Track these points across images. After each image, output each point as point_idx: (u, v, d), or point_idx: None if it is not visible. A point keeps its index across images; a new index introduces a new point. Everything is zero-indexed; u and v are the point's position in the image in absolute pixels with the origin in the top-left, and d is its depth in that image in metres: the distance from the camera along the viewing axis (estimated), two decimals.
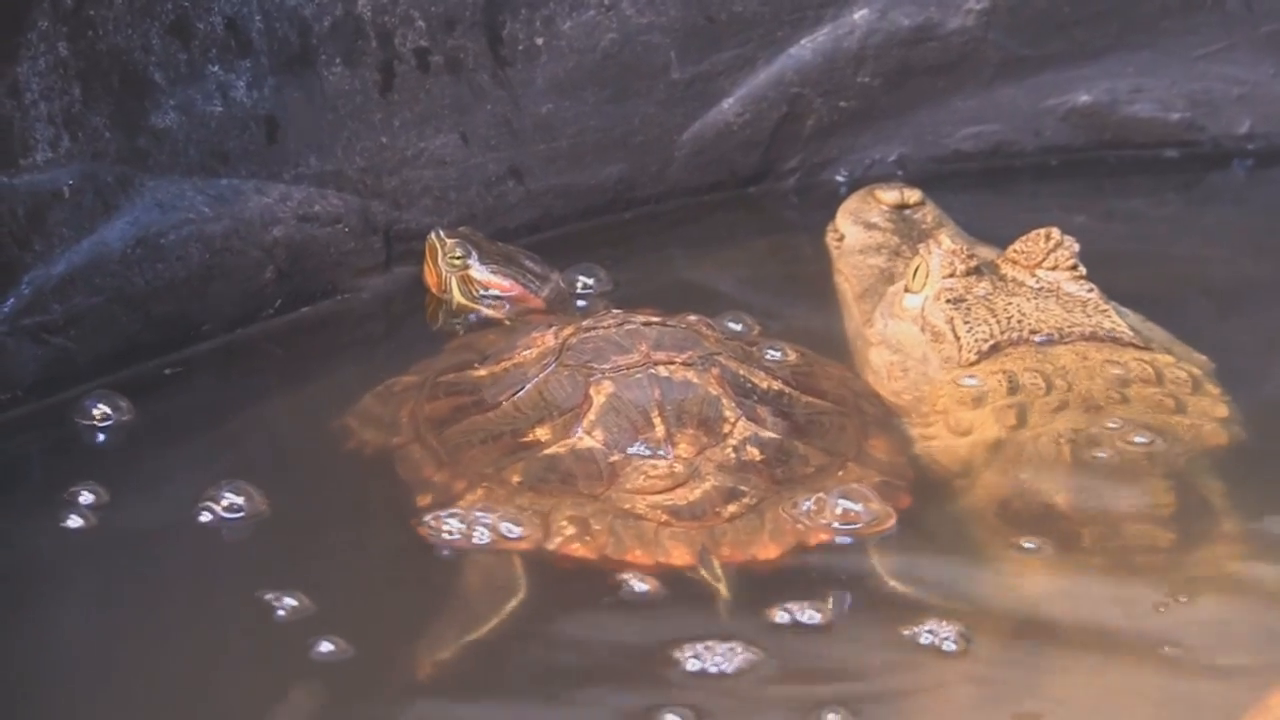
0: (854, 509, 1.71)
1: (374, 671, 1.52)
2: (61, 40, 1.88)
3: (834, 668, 1.54)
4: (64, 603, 1.66)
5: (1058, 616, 1.59)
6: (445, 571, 1.64)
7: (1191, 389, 1.84)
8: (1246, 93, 2.54)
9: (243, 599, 1.61)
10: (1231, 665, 1.51)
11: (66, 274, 1.92)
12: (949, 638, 1.56)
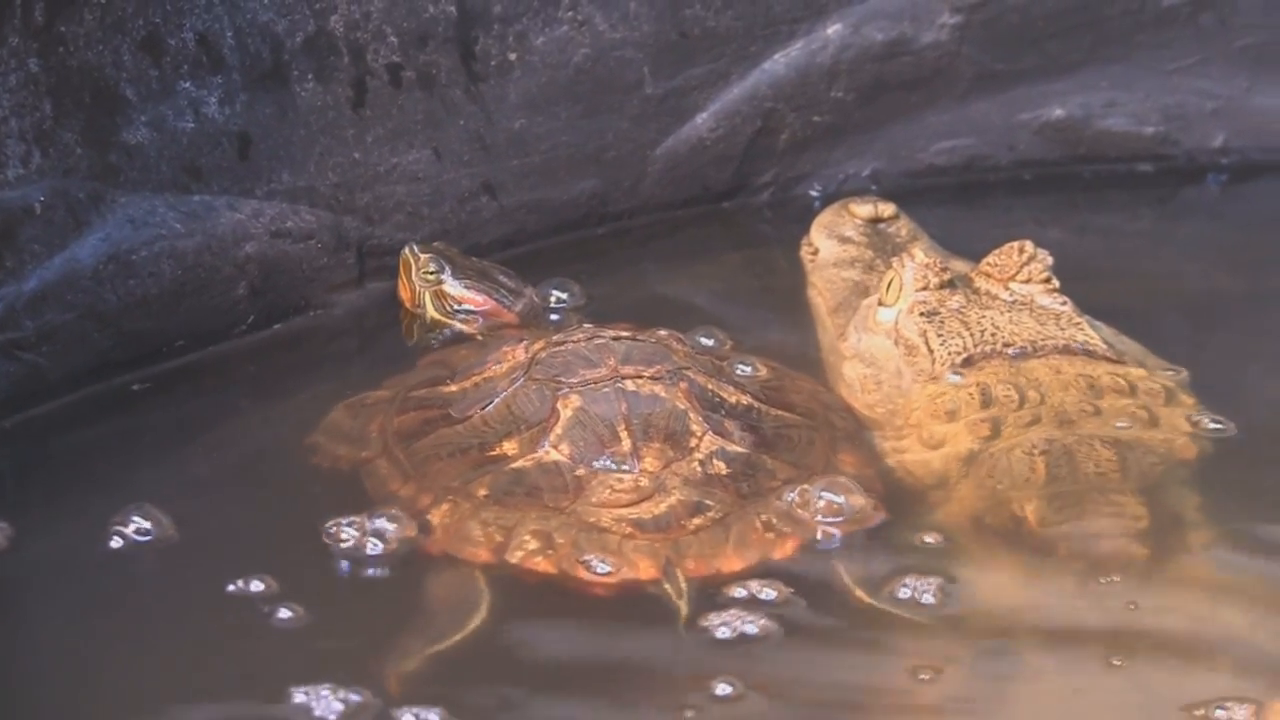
0: (837, 501, 1.72)
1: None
2: (32, 56, 1.88)
3: (799, 681, 1.53)
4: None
5: (1029, 628, 1.59)
6: (403, 581, 1.64)
7: (1164, 401, 1.84)
8: (1220, 107, 2.55)
9: (216, 602, 1.62)
10: (1204, 678, 1.51)
11: (38, 290, 1.91)
12: (915, 648, 1.56)
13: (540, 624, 1.60)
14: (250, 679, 1.56)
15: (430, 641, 1.56)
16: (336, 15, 2.13)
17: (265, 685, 1.53)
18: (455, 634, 1.57)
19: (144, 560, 1.71)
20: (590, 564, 1.62)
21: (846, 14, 2.43)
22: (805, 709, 1.52)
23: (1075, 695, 1.51)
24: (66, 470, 1.89)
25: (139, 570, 1.71)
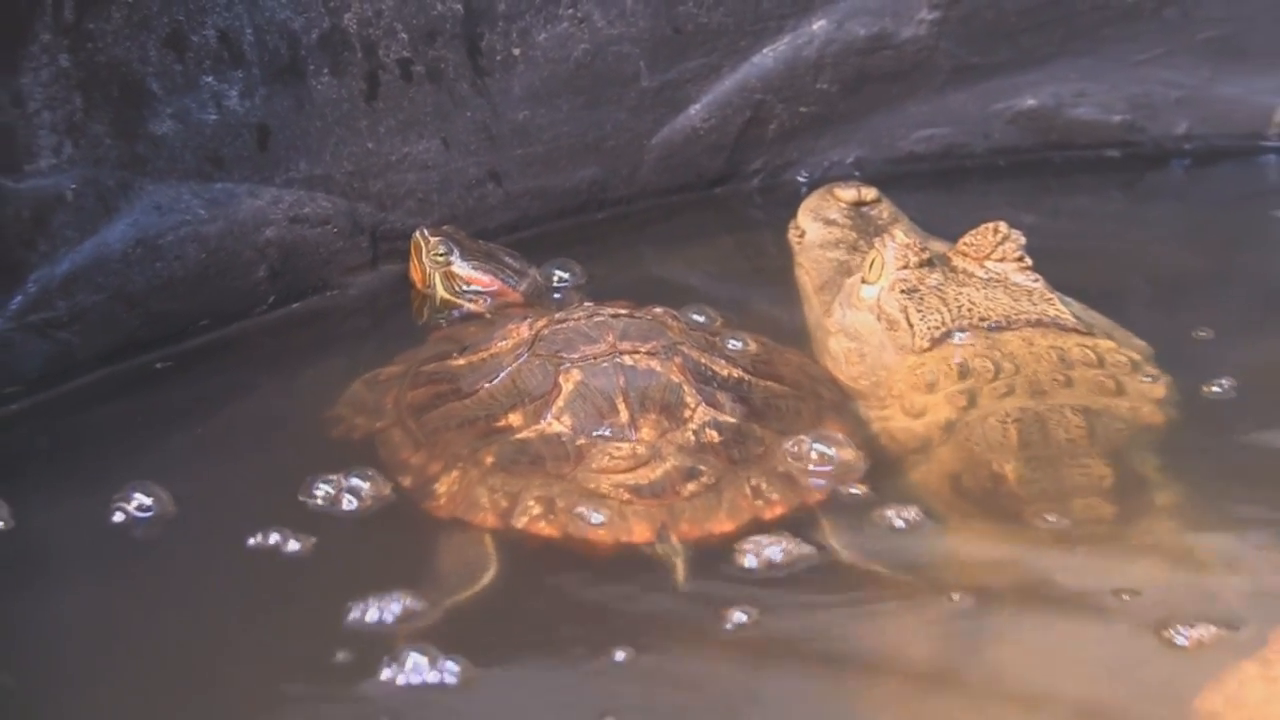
0: (827, 452, 1.73)
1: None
2: (63, 52, 1.87)
3: (790, 637, 1.53)
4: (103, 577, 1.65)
5: (1004, 585, 1.58)
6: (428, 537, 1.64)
7: (1131, 372, 1.83)
8: (1184, 96, 2.55)
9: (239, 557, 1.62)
10: (1169, 629, 1.49)
11: (70, 273, 1.91)
12: (897, 607, 1.56)
13: (544, 584, 1.59)
14: (280, 629, 1.57)
15: (441, 599, 1.55)
16: (350, 13, 2.13)
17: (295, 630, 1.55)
18: (465, 592, 1.57)
19: (168, 522, 1.70)
20: (590, 528, 1.62)
21: (831, 10, 2.43)
22: (792, 662, 1.51)
23: (1049, 648, 1.50)
24: (97, 441, 1.89)
25: (165, 532, 1.69)
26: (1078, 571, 1.60)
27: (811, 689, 1.50)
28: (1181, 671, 1.46)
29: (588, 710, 1.44)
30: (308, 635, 1.54)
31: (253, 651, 1.54)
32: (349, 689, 1.46)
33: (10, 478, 1.78)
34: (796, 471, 1.72)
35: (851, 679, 1.51)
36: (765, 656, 1.51)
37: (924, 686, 1.50)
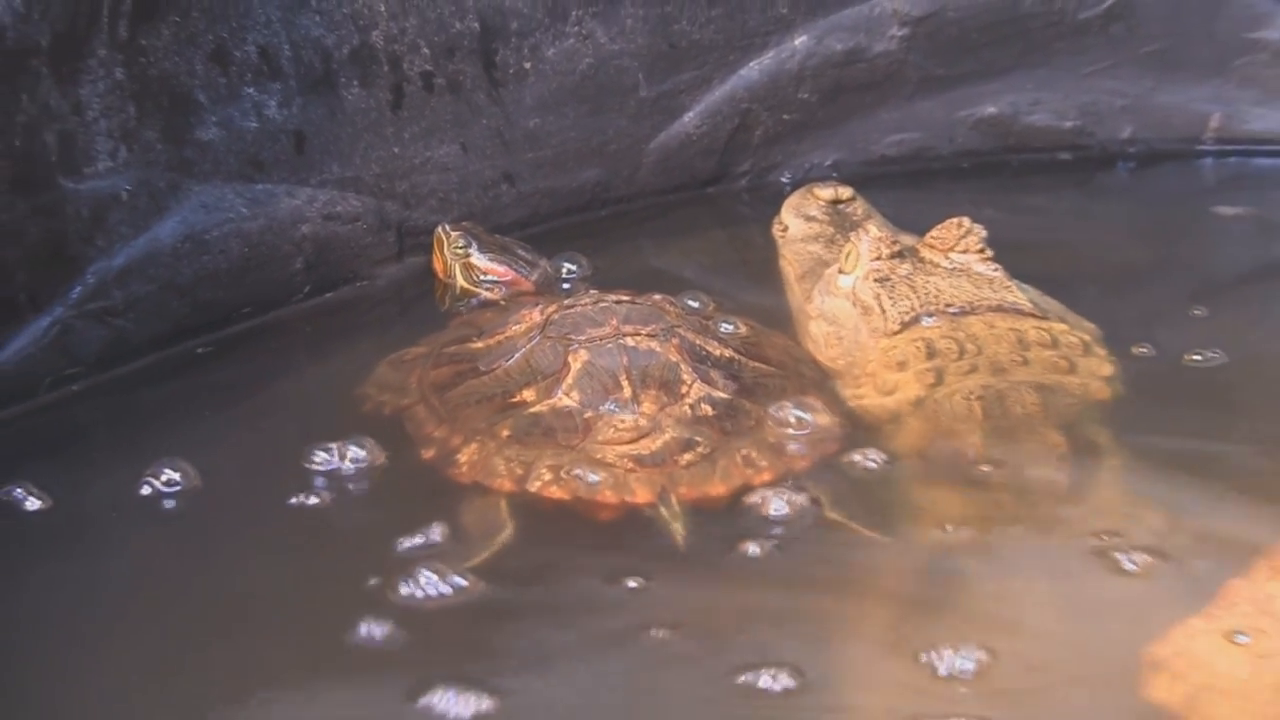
0: (806, 417, 1.73)
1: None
2: (118, 66, 1.87)
3: (775, 579, 1.54)
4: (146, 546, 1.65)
5: (970, 541, 1.59)
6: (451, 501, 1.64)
7: (1082, 352, 1.84)
8: (1129, 104, 2.55)
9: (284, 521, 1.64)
10: (1123, 578, 1.51)
11: (125, 266, 1.91)
12: (873, 557, 1.57)
13: (556, 542, 1.60)
14: (309, 580, 1.57)
15: (464, 557, 1.55)
16: (377, 31, 2.13)
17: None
18: (485, 551, 1.57)
19: (204, 489, 1.70)
20: (597, 491, 1.63)
21: (810, 28, 2.43)
22: (778, 599, 1.52)
23: (1011, 597, 1.51)
24: (150, 418, 1.88)
25: (205, 497, 1.70)
26: (1036, 525, 1.62)
27: (794, 619, 1.50)
28: (1130, 597, 1.49)
29: (598, 631, 1.47)
30: (338, 591, 1.53)
31: (280, 603, 1.54)
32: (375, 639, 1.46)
33: (72, 449, 1.80)
34: (783, 441, 1.72)
35: (833, 609, 1.52)
36: (755, 592, 1.53)
37: (899, 616, 1.51)
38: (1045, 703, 1.38)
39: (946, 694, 1.38)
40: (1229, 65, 2.53)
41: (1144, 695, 1.35)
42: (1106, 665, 1.41)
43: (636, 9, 2.33)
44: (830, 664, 1.45)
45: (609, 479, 1.63)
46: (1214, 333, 2.01)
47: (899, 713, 1.38)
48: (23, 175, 1.78)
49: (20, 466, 1.73)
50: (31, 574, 1.59)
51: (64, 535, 1.65)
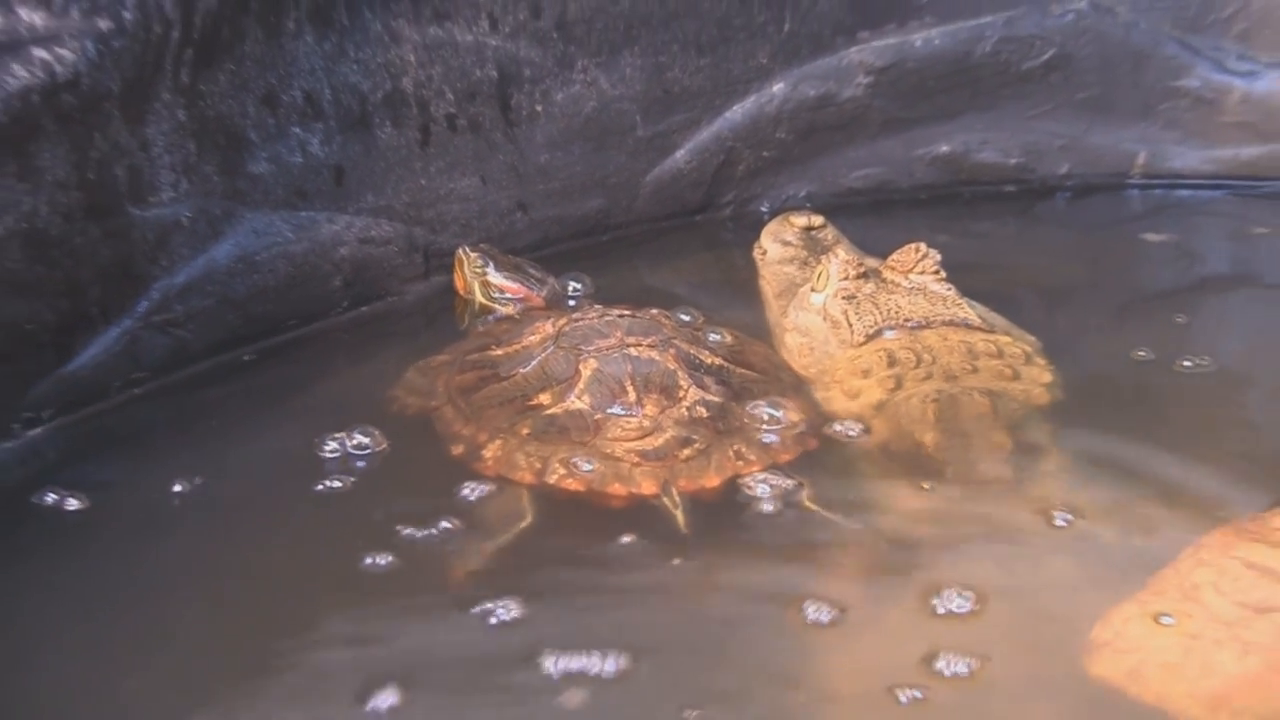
0: (776, 414, 1.75)
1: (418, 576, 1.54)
2: (180, 108, 1.87)
3: (768, 566, 1.56)
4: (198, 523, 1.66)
5: (926, 531, 1.60)
6: (470, 496, 1.65)
7: (1024, 361, 1.85)
8: (1066, 144, 2.56)
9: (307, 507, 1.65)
10: (1061, 562, 1.53)
11: (185, 283, 1.92)
12: (844, 543, 1.59)
13: (572, 528, 1.61)
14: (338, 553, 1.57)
15: (488, 543, 1.57)
16: (407, 78, 2.13)
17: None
18: (507, 536, 1.58)
19: (260, 475, 1.74)
20: (608, 484, 1.63)
21: (787, 76, 2.43)
22: (771, 583, 1.53)
23: (965, 576, 1.51)
24: (207, 415, 1.89)
25: (256, 483, 1.73)
26: (983, 515, 1.63)
27: (778, 586, 1.52)
28: (1067, 579, 1.51)
29: (609, 590, 1.49)
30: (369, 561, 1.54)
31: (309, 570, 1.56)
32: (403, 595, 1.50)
33: (137, 442, 1.82)
34: (769, 438, 1.72)
35: (805, 580, 1.54)
36: (746, 566, 1.55)
37: (867, 581, 1.54)
38: (995, 673, 1.37)
39: (904, 663, 1.40)
40: (1153, 110, 2.54)
41: (1088, 670, 1.36)
42: (1051, 640, 1.41)
43: (635, 59, 2.33)
44: (787, 621, 1.47)
45: (618, 472, 1.64)
46: (1142, 339, 2.01)
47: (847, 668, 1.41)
48: (96, 204, 1.79)
49: (95, 456, 1.77)
50: (107, 550, 1.60)
51: (129, 517, 1.66)
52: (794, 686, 1.39)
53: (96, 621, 1.49)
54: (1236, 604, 1.40)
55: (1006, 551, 1.54)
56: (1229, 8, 2.48)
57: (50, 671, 1.43)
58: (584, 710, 1.34)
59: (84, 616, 1.50)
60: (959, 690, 1.35)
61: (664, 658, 1.41)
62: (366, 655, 1.43)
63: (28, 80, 1.65)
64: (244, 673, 1.42)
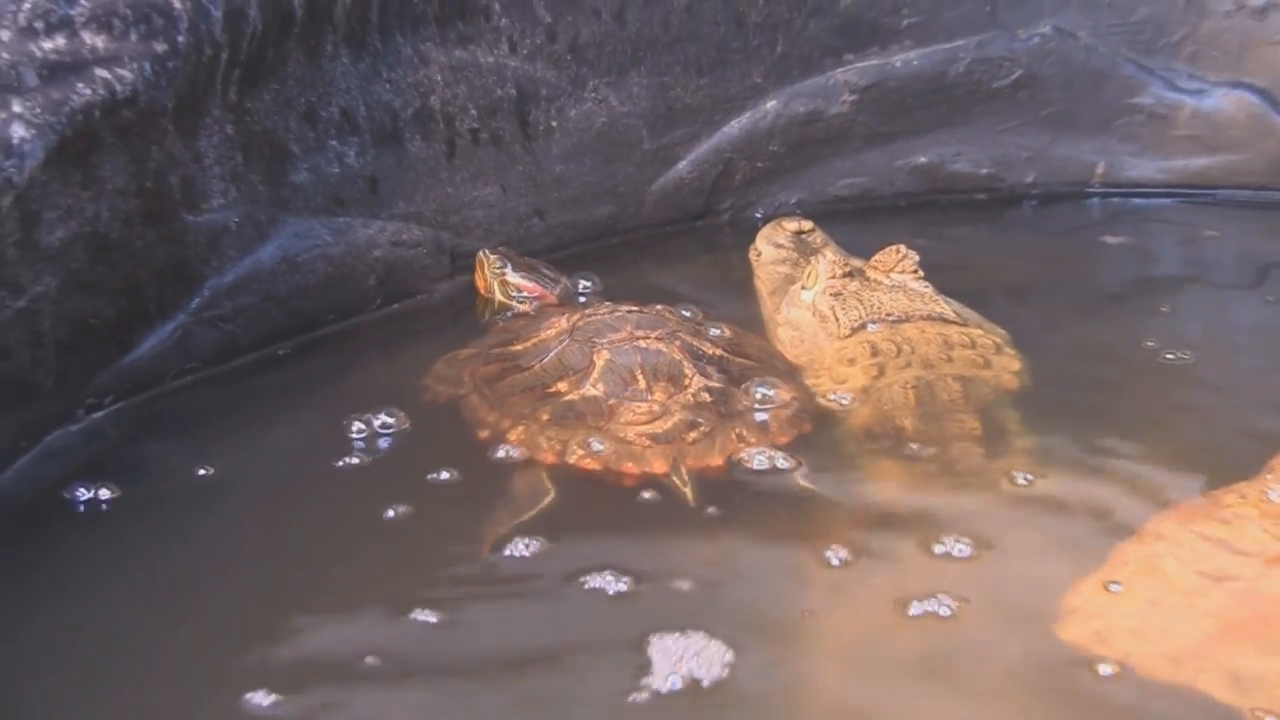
0: (770, 393, 1.76)
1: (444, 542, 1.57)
2: (229, 123, 1.88)
3: (761, 522, 1.58)
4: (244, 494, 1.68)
5: (905, 505, 1.61)
6: (497, 476, 1.66)
7: (995, 351, 1.86)
8: (1032, 155, 2.55)
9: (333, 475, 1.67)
10: (1027, 534, 1.54)
11: (234, 282, 1.92)
12: (832, 514, 1.60)
13: (589, 503, 1.62)
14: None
15: (514, 515, 1.58)
16: (435, 96, 2.13)
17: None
18: (531, 510, 1.59)
19: (305, 452, 1.75)
20: (622, 463, 1.64)
21: (779, 94, 2.43)
22: (765, 541, 1.56)
23: (939, 547, 1.52)
24: (252, 401, 1.89)
25: (303, 459, 1.74)
26: (957, 489, 1.63)
27: (773, 549, 1.55)
28: (1033, 547, 1.52)
29: (625, 565, 1.48)
30: (409, 534, 1.56)
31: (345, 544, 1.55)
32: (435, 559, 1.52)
33: (191, 425, 1.82)
34: (766, 421, 1.73)
35: (804, 542, 1.55)
36: (746, 535, 1.57)
37: (844, 560, 1.53)
38: (971, 634, 1.38)
39: (889, 619, 1.41)
40: (1111, 125, 2.54)
41: (1059, 634, 1.36)
42: (1022, 607, 1.41)
43: (641, 79, 2.33)
44: (790, 575, 1.50)
45: (631, 453, 1.64)
46: (1101, 332, 2.05)
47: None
48: (153, 210, 1.79)
49: (150, 437, 1.78)
50: (159, 518, 1.62)
51: (180, 491, 1.68)
52: (781, 633, 1.41)
53: (162, 573, 1.53)
54: (1193, 573, 1.41)
55: (978, 525, 1.54)
56: (1179, 32, 2.49)
57: (119, 613, 1.47)
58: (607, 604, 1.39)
59: (144, 576, 1.53)
60: (934, 650, 1.37)
61: (667, 586, 1.45)
62: (398, 588, 1.46)
63: (90, 97, 1.66)
64: (273, 630, 1.43)
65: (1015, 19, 2.46)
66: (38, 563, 1.53)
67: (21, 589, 1.48)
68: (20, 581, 1.49)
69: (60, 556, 1.54)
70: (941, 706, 1.30)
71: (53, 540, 1.56)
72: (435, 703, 1.34)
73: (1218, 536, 1.45)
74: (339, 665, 1.35)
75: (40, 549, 1.54)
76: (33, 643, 1.41)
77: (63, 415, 1.75)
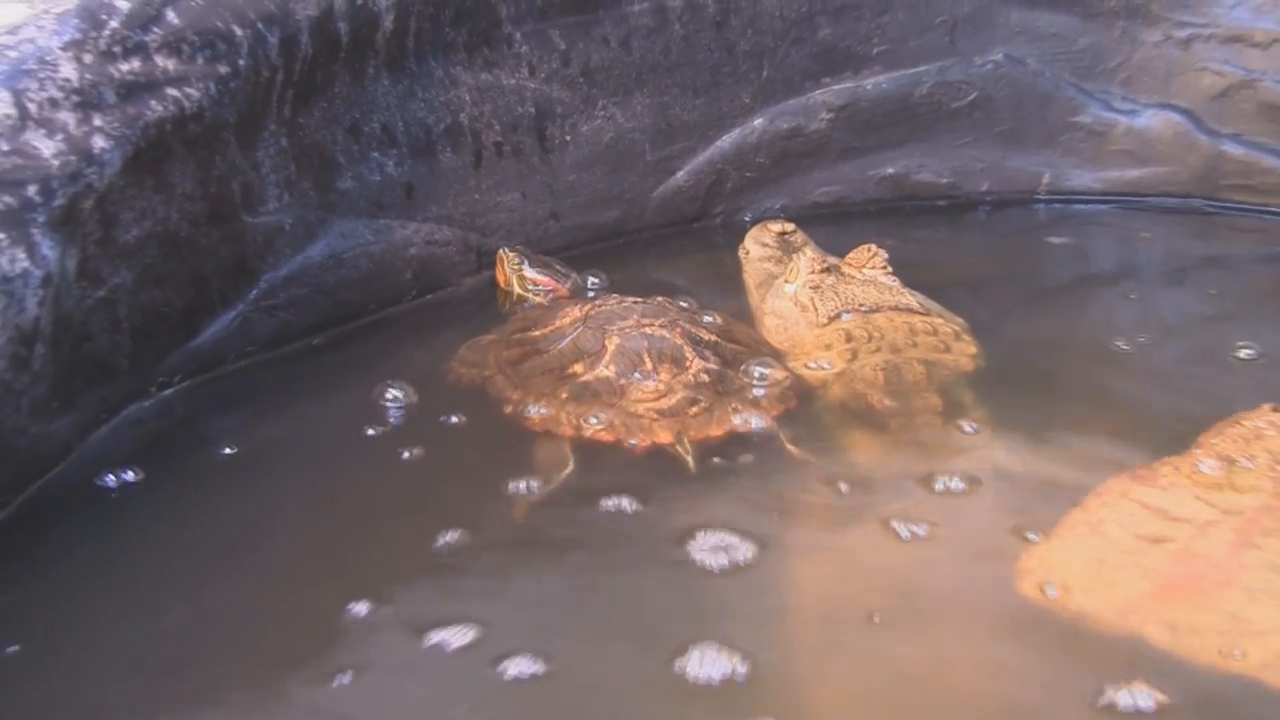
0: (766, 371, 1.76)
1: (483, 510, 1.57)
2: (283, 136, 1.88)
3: (757, 497, 1.57)
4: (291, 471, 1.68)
5: (876, 472, 1.62)
6: (522, 448, 1.67)
7: (954, 338, 1.86)
8: (986, 167, 2.55)
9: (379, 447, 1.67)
10: (982, 497, 1.55)
11: (287, 276, 1.92)
12: (814, 477, 1.61)
13: (605, 470, 1.62)
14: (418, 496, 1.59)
15: (542, 483, 1.58)
16: (464, 113, 2.13)
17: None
18: (557, 477, 1.59)
19: (346, 429, 1.73)
20: (633, 435, 1.65)
21: (765, 112, 2.42)
22: (754, 501, 1.56)
23: (908, 505, 1.53)
24: (302, 380, 1.88)
25: (345, 436, 1.72)
26: (920, 457, 1.64)
27: (763, 508, 1.54)
28: (987, 507, 1.52)
29: (638, 524, 1.50)
30: (439, 504, 1.56)
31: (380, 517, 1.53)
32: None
33: (250, 401, 1.82)
34: (758, 397, 1.73)
35: (787, 502, 1.56)
36: (740, 495, 1.57)
37: (830, 508, 1.56)
38: (932, 583, 1.37)
39: (862, 569, 1.43)
40: (1055, 140, 2.54)
41: (1017, 589, 1.36)
42: (982, 564, 1.41)
43: (644, 99, 2.33)
44: (777, 533, 1.50)
45: (640, 426, 1.65)
46: (1048, 321, 2.05)
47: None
48: (217, 212, 1.80)
49: (213, 412, 1.78)
50: (232, 474, 1.64)
51: (247, 455, 1.68)
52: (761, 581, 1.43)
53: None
54: (1134, 536, 1.41)
55: (938, 488, 1.53)
56: (1115, 60, 2.49)
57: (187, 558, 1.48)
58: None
59: (215, 522, 1.55)
60: (901, 601, 1.38)
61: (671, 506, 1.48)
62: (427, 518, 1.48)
63: (162, 113, 1.66)
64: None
65: (971, 47, 2.47)
66: (118, 515, 1.55)
67: (105, 537, 1.50)
68: (104, 531, 1.51)
69: (138, 509, 1.56)
70: (911, 638, 1.32)
71: (131, 496, 1.58)
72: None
73: (1155, 504, 1.46)
74: (408, 569, 1.41)
75: (120, 505, 1.56)
76: (126, 581, 1.44)
77: (137, 392, 1.76)
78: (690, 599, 1.36)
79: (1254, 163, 2.44)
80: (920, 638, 1.32)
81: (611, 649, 1.31)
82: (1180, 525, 1.42)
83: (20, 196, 1.51)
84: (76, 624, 1.34)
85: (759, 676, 1.24)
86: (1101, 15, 2.46)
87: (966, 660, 1.29)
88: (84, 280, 1.63)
